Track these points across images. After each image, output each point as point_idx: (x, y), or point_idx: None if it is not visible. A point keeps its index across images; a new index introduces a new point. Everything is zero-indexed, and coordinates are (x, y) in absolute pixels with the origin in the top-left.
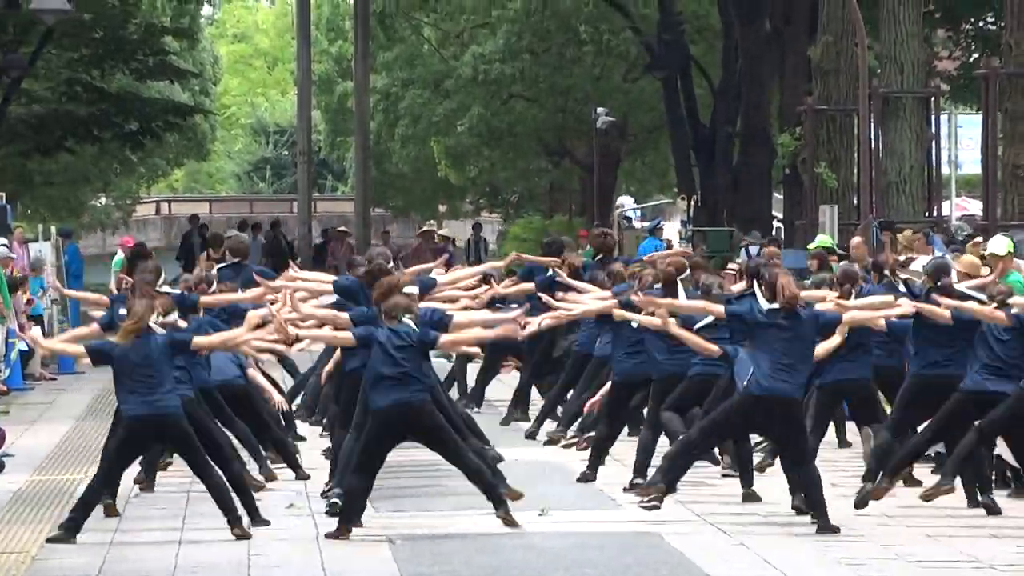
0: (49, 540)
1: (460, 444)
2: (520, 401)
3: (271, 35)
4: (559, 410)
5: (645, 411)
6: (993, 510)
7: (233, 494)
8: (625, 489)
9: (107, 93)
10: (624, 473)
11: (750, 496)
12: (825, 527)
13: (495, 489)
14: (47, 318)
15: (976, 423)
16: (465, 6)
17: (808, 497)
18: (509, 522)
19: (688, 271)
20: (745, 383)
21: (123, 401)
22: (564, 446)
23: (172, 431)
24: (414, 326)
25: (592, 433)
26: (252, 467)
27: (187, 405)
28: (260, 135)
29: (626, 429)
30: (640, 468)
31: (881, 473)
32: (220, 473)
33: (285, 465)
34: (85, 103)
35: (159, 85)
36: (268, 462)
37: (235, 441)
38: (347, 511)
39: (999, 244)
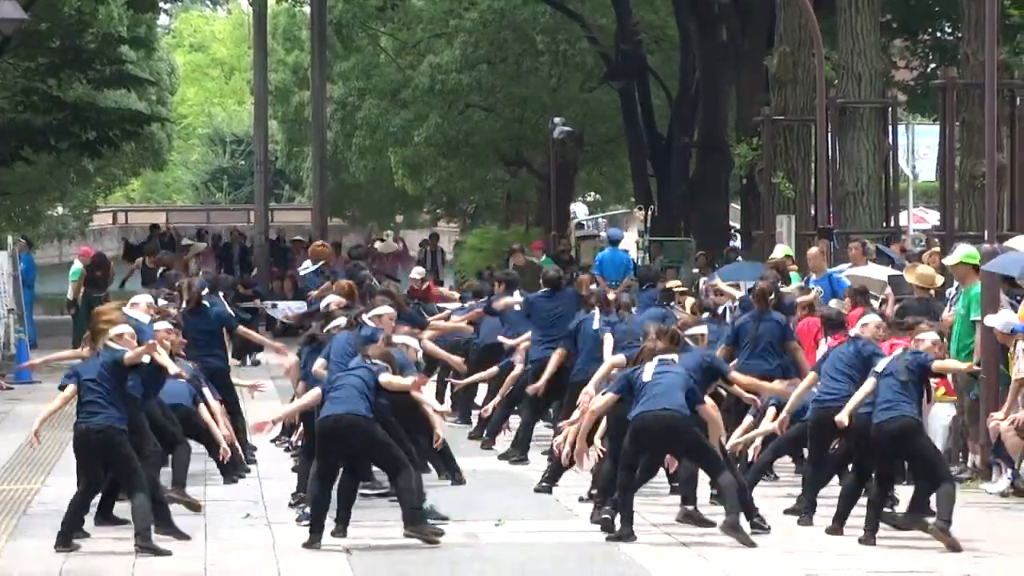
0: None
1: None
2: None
3: (228, 45)
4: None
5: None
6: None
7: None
8: (581, 499)
9: (64, 102)
10: (581, 483)
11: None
12: (731, 525)
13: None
14: (3, 328)
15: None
16: (422, 16)
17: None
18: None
19: None
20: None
21: None
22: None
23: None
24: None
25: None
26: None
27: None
28: (217, 145)
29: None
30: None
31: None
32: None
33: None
34: (42, 112)
35: (116, 94)
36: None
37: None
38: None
39: (960, 254)
